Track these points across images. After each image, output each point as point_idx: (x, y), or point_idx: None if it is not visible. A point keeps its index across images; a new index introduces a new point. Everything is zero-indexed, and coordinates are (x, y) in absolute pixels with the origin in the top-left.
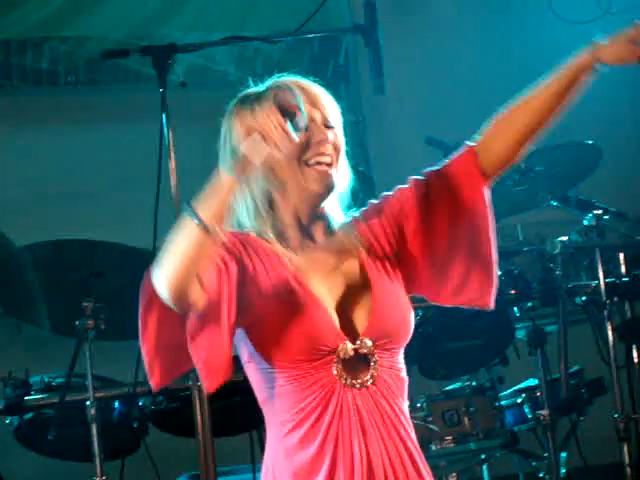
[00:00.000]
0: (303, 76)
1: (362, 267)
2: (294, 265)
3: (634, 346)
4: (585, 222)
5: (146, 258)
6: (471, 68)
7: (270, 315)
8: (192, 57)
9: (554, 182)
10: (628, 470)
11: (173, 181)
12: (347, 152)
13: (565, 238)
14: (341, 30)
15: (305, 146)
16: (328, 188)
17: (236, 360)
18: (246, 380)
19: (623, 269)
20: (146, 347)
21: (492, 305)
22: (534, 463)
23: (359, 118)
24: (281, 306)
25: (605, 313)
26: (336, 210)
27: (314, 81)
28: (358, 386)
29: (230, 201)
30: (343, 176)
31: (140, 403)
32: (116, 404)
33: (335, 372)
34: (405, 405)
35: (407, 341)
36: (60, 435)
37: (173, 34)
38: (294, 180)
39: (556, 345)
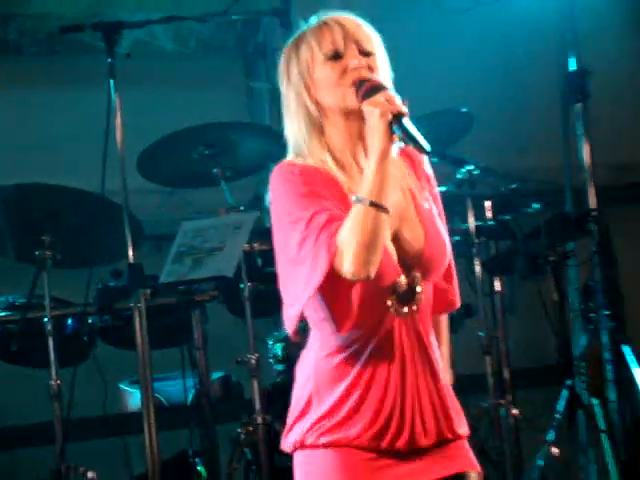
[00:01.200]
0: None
1: (412, 198)
2: (352, 194)
3: (497, 278)
4: (459, 175)
5: (94, 199)
6: None
7: None
8: (136, 33)
9: (434, 143)
10: (490, 379)
11: (119, 136)
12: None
13: (444, 189)
14: (261, 12)
15: (343, 72)
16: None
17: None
18: (179, 302)
19: (490, 214)
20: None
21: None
22: None
23: (275, 86)
24: None
25: (474, 251)
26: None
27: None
28: (405, 315)
29: (387, 168)
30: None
31: (89, 321)
32: (69, 321)
33: (389, 303)
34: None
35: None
36: (22, 346)
37: (121, 13)
38: (337, 105)
39: None
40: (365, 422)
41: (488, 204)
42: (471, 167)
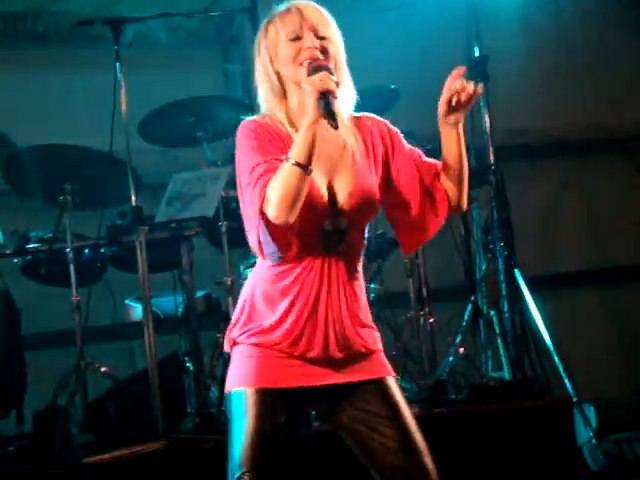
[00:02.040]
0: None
1: (352, 157)
2: None
3: None
4: None
5: (104, 156)
6: None
7: None
8: (137, 26)
9: (372, 112)
10: (412, 295)
11: (123, 107)
12: (248, 91)
13: None
14: (234, 10)
15: (298, 51)
16: (320, 69)
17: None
18: (170, 236)
19: None
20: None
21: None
22: None
23: (246, 69)
24: None
25: None
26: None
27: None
28: (334, 253)
29: (315, 135)
30: (341, 77)
31: (102, 251)
32: (86, 251)
33: (319, 241)
34: (360, 265)
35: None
36: (49, 270)
37: (124, 10)
38: (293, 78)
39: None
40: (284, 332)
41: None
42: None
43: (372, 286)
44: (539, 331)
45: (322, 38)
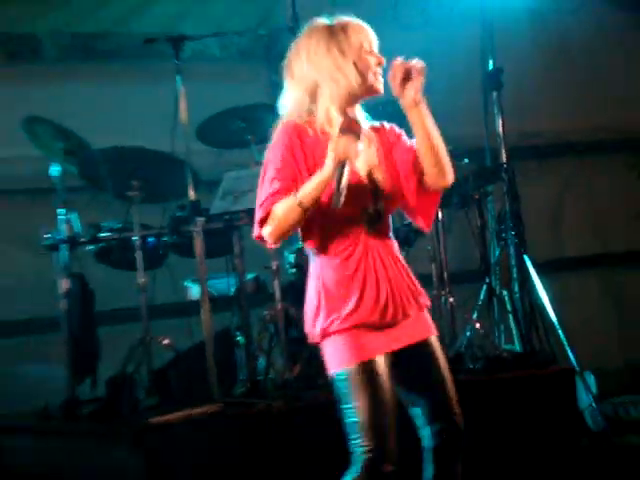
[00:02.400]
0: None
1: (378, 153)
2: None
3: (439, 209)
4: None
5: (167, 157)
6: None
7: None
8: (194, 43)
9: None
10: (434, 278)
11: (183, 114)
12: None
13: None
14: (279, 29)
15: (377, 64)
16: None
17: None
18: (224, 226)
19: None
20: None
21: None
22: None
23: None
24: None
25: None
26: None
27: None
28: (376, 231)
29: (323, 189)
30: None
31: (164, 239)
32: (150, 239)
33: (363, 223)
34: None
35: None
36: (120, 255)
37: (184, 29)
38: (364, 83)
39: None
40: (368, 308)
41: None
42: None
43: None
44: (545, 309)
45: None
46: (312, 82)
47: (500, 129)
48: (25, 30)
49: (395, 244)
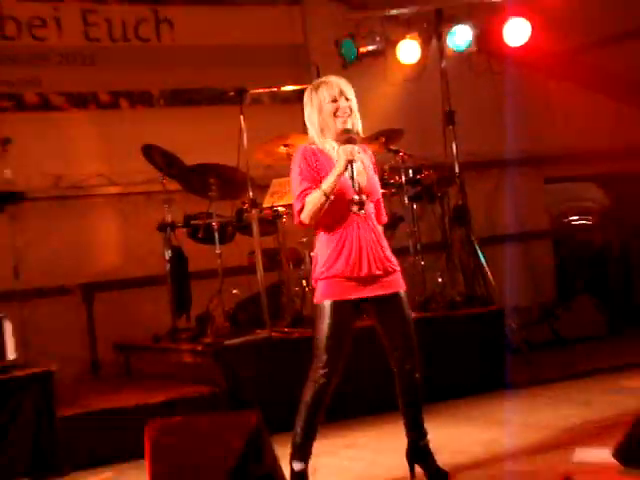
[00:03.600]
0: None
1: (364, 166)
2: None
3: (415, 204)
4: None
5: (233, 169)
6: None
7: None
8: (252, 94)
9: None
10: (411, 250)
11: (245, 141)
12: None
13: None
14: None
15: (336, 110)
16: (348, 128)
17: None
18: (274, 216)
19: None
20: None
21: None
22: None
23: None
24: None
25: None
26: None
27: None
28: (359, 214)
29: (339, 180)
30: (357, 123)
31: (233, 223)
32: (223, 224)
33: (351, 208)
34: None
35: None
36: (204, 234)
37: (244, 84)
38: (330, 127)
39: None
40: (343, 263)
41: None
42: (401, 153)
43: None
44: (483, 268)
45: (348, 99)
46: (308, 123)
47: (454, 150)
48: (143, 88)
49: (377, 225)
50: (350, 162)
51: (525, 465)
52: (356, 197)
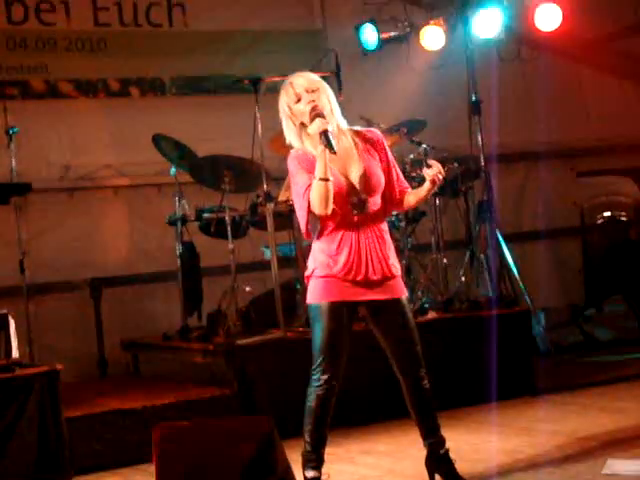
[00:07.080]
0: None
1: (359, 156)
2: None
3: (438, 197)
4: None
5: (248, 161)
6: None
7: None
8: (267, 83)
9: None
10: (433, 245)
11: (260, 133)
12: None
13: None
14: (332, 72)
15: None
16: (317, 116)
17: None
18: (288, 210)
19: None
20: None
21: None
22: None
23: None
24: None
25: None
26: (338, 125)
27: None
28: (360, 215)
29: (325, 158)
30: (332, 110)
31: (247, 217)
32: (237, 218)
33: (352, 209)
34: (384, 224)
35: (380, 193)
36: (216, 228)
37: (260, 73)
38: (306, 119)
39: None
40: (341, 265)
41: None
42: (424, 145)
43: (409, 239)
44: (510, 266)
45: (313, 91)
46: (286, 132)
47: (480, 142)
48: (154, 75)
49: (384, 225)
50: (324, 132)
51: (551, 476)
52: (355, 199)
